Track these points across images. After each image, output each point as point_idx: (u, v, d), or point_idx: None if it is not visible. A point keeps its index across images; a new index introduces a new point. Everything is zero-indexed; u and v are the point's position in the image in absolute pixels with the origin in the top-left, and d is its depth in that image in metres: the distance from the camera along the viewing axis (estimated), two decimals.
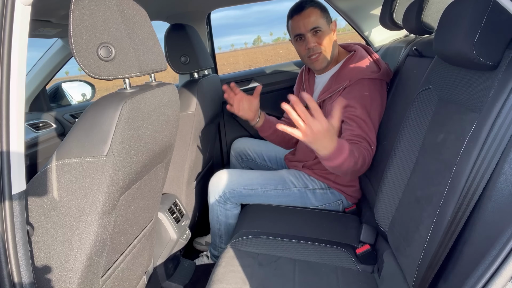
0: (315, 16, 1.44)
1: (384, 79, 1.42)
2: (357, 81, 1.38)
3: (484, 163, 0.69)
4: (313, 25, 1.43)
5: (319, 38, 1.45)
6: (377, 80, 1.40)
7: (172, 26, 1.63)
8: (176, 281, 1.54)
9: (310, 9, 1.44)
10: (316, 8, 1.45)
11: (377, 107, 1.37)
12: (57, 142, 2.09)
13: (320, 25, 1.44)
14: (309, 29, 1.44)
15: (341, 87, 1.41)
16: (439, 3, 1.32)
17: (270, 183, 1.54)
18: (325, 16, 1.46)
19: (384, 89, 1.43)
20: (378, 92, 1.38)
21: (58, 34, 1.93)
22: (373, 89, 1.37)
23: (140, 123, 0.87)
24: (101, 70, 0.80)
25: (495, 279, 0.60)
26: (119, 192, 0.85)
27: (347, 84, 1.39)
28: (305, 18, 1.44)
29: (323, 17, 1.45)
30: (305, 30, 1.45)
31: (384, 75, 1.42)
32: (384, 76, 1.42)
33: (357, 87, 1.37)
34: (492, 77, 0.74)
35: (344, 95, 1.39)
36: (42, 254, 0.79)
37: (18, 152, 0.70)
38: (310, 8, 1.44)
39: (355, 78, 1.39)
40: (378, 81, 1.40)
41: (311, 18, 1.43)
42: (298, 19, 1.45)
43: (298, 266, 1.16)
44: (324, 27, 1.45)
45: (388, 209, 1.09)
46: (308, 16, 1.44)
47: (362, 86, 1.37)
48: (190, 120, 1.58)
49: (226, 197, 1.54)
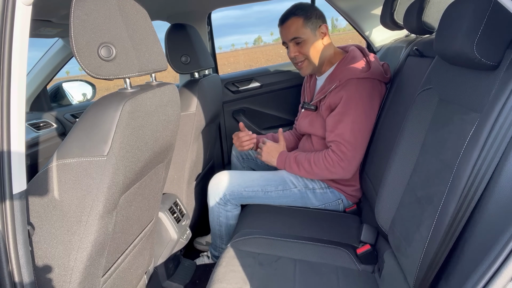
0: (295, 26, 1.47)
1: (374, 77, 1.42)
2: (346, 81, 1.40)
3: (484, 163, 0.69)
4: (293, 35, 1.48)
5: (300, 48, 1.49)
6: (367, 79, 1.40)
7: (172, 26, 1.63)
8: (177, 281, 1.55)
9: (292, 19, 1.47)
10: (298, 17, 1.46)
11: (365, 106, 1.38)
12: (57, 142, 2.09)
13: (300, 35, 1.47)
14: (290, 39, 1.50)
15: (332, 87, 1.43)
16: (440, 3, 1.32)
17: (270, 184, 1.54)
18: (308, 24, 1.47)
19: (376, 88, 1.43)
20: (366, 91, 1.39)
21: (58, 34, 1.93)
22: (361, 89, 1.38)
23: (141, 123, 0.87)
24: (101, 70, 0.80)
25: (496, 279, 0.60)
26: (120, 192, 0.85)
27: (337, 85, 1.42)
28: (285, 29, 1.49)
29: (306, 26, 1.47)
30: (287, 39, 1.51)
31: (374, 73, 1.42)
32: (374, 74, 1.42)
33: (346, 87, 1.39)
34: (493, 77, 0.74)
35: (333, 94, 1.42)
36: (42, 253, 0.79)
37: (19, 152, 0.70)
38: (292, 18, 1.47)
39: (344, 78, 1.41)
40: (368, 80, 1.40)
41: (291, 29, 1.48)
42: (281, 30, 1.52)
43: (298, 266, 1.16)
44: (307, 36, 1.47)
45: (388, 209, 1.09)
46: (288, 27, 1.48)
47: (350, 86, 1.39)
48: (190, 120, 1.58)
49: (227, 199, 1.54)
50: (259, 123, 2.46)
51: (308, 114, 1.59)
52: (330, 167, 1.41)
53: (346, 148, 1.38)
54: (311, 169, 1.45)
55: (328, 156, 1.42)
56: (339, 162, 1.40)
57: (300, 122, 1.65)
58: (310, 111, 1.58)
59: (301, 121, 1.63)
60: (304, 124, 1.60)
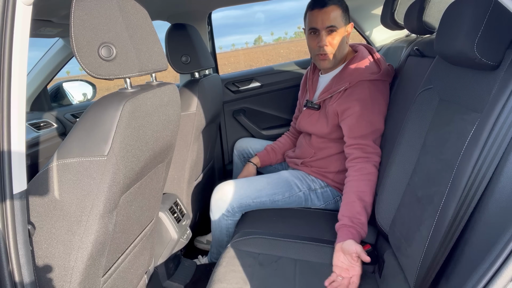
0: (335, 14, 1.39)
1: (385, 79, 1.42)
2: (357, 83, 1.37)
3: (485, 163, 0.69)
4: (331, 23, 1.40)
5: (332, 38, 1.42)
6: (378, 81, 1.39)
7: (173, 25, 1.63)
8: (177, 280, 1.55)
9: (333, 6, 1.39)
10: (339, 7, 1.41)
11: (380, 108, 1.37)
12: (58, 142, 2.09)
13: (337, 25, 1.40)
14: (325, 26, 1.41)
15: (341, 89, 1.41)
16: (441, 3, 1.32)
17: (277, 193, 1.51)
18: (344, 17, 1.43)
19: (386, 89, 1.43)
20: (379, 93, 1.38)
21: (59, 34, 1.93)
22: (373, 90, 1.36)
23: (141, 123, 0.87)
24: (102, 70, 0.80)
25: (496, 279, 0.60)
26: (120, 192, 0.85)
27: (347, 86, 1.39)
28: (325, 14, 1.39)
29: (343, 18, 1.42)
30: (322, 26, 1.41)
31: (384, 75, 1.41)
32: (384, 76, 1.41)
33: (357, 90, 1.37)
34: (493, 77, 0.74)
35: (345, 97, 1.39)
36: (43, 253, 0.79)
37: (19, 152, 0.70)
38: (333, 5, 1.39)
39: (355, 80, 1.38)
40: (379, 82, 1.39)
41: (331, 16, 1.39)
42: (317, 13, 1.41)
43: (298, 266, 1.16)
44: (340, 28, 1.42)
45: (389, 209, 1.09)
46: (328, 12, 1.39)
47: (362, 88, 1.36)
48: (191, 120, 1.58)
49: (235, 211, 1.50)
50: (259, 123, 2.46)
51: (310, 113, 1.56)
52: (370, 172, 1.29)
53: (371, 147, 1.33)
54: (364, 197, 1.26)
55: (361, 166, 1.30)
56: (371, 162, 1.32)
57: (301, 121, 1.62)
58: (312, 110, 1.55)
59: (302, 120, 1.60)
60: (305, 123, 1.58)
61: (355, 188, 1.26)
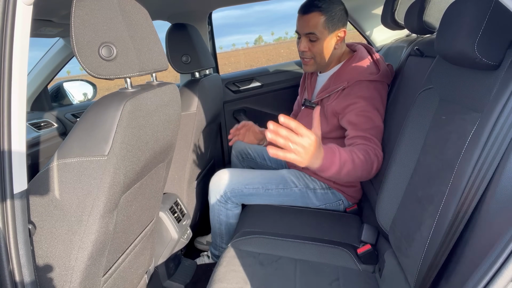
0: (315, 21, 1.38)
1: (383, 80, 1.41)
2: (355, 83, 1.37)
3: (485, 163, 0.69)
4: (310, 30, 1.40)
5: (312, 45, 1.43)
6: (377, 82, 1.38)
7: (173, 25, 1.63)
8: (177, 280, 1.55)
9: (314, 14, 1.38)
10: (321, 14, 1.38)
11: (378, 107, 1.37)
12: (58, 142, 2.09)
13: (317, 33, 1.39)
14: (304, 33, 1.43)
15: (339, 88, 1.40)
16: (441, 3, 1.32)
17: (271, 182, 1.54)
18: (329, 25, 1.40)
19: (385, 90, 1.42)
20: (377, 93, 1.37)
21: (59, 34, 1.93)
22: (372, 91, 1.36)
23: (142, 123, 0.87)
24: (102, 70, 0.80)
25: (497, 280, 0.60)
26: (121, 192, 0.85)
27: (345, 86, 1.39)
28: (304, 20, 1.41)
29: (326, 26, 1.39)
30: (301, 32, 1.44)
31: (383, 76, 1.40)
32: (383, 77, 1.40)
33: (355, 89, 1.36)
34: (494, 77, 0.74)
35: (343, 96, 1.39)
36: (43, 253, 0.79)
37: (20, 152, 0.70)
38: (314, 12, 1.38)
39: (353, 79, 1.38)
40: (378, 83, 1.39)
41: (310, 23, 1.39)
42: (299, 18, 1.44)
43: (299, 266, 1.16)
44: (323, 36, 1.41)
45: (389, 209, 1.09)
46: (308, 20, 1.40)
47: (360, 88, 1.36)
48: (191, 120, 1.58)
49: (227, 196, 1.54)
50: (259, 123, 2.44)
51: (309, 112, 1.57)
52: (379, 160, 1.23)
53: (373, 141, 1.29)
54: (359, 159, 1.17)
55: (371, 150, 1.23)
56: (380, 157, 1.27)
57: (299, 120, 1.62)
58: (311, 109, 1.56)
59: (301, 120, 1.61)
60: (304, 123, 1.57)
61: (354, 153, 1.17)
